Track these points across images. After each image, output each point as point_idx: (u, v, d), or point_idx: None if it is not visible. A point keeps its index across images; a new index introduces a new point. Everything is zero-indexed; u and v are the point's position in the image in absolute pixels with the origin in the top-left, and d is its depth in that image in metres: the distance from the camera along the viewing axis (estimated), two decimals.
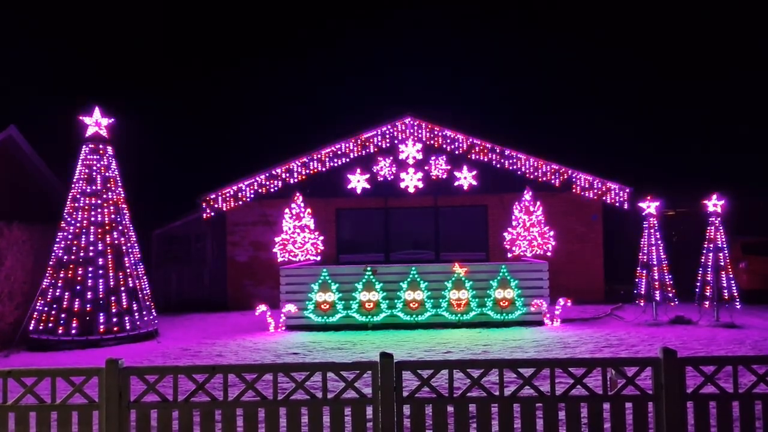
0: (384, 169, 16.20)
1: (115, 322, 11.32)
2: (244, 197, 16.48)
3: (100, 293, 11.30)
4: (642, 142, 28.80)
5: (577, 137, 27.33)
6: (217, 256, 16.94)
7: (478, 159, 16.26)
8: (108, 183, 11.91)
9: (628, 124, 30.33)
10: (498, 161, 16.26)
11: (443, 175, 16.18)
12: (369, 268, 12.46)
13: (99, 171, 11.84)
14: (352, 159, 16.37)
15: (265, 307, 12.44)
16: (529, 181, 15.66)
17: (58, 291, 11.28)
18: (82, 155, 11.91)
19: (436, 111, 17.92)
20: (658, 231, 13.05)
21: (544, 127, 29.08)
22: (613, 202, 16.16)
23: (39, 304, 11.43)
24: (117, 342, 11.20)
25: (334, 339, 11.23)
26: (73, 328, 11.05)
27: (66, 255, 11.45)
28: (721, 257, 12.37)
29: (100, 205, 11.71)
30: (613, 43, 35.36)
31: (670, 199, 17.02)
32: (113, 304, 11.36)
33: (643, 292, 12.98)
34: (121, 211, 12.01)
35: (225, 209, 16.52)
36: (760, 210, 18.35)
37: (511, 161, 16.26)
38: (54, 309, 11.19)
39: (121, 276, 11.58)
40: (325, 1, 38.59)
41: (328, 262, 14.91)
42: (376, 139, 16.41)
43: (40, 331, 11.17)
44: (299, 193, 13.89)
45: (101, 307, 11.24)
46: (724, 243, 12.45)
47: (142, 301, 11.85)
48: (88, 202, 11.67)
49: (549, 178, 16.19)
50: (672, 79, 33.37)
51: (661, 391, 4.26)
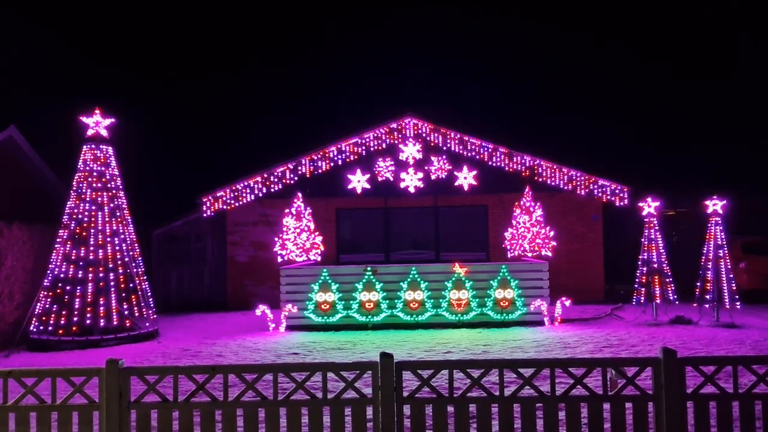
0: (384, 169, 16.20)
1: (115, 323, 11.33)
2: (244, 197, 16.48)
3: (101, 293, 11.31)
4: (642, 142, 28.82)
5: (578, 137, 27.34)
6: (218, 256, 16.95)
7: (478, 159, 16.26)
8: (108, 183, 11.91)
9: (629, 123, 30.35)
10: (498, 161, 16.26)
11: (443, 175, 16.18)
12: (369, 268, 12.46)
13: (99, 171, 11.84)
14: (352, 159, 16.38)
15: (265, 307, 12.45)
16: (529, 180, 15.66)
17: (59, 291, 11.29)
18: (82, 155, 11.92)
19: (437, 111, 17.95)
20: (658, 231, 13.04)
21: (545, 127, 29.09)
22: (613, 202, 16.16)
23: (39, 304, 11.43)
24: (117, 342, 11.20)
25: (335, 339, 11.23)
26: (74, 329, 11.06)
27: (66, 255, 11.45)
28: (721, 257, 12.37)
29: (100, 205, 11.71)
30: (614, 43, 35.37)
31: (670, 199, 17.02)
32: (113, 304, 11.37)
33: (643, 292, 12.97)
34: (121, 211, 12.02)
35: (225, 209, 16.53)
36: (761, 210, 18.35)
37: (511, 161, 16.26)
38: (54, 309, 11.19)
39: (121, 276, 11.59)
40: (325, 1, 38.60)
41: (329, 262, 14.91)
42: (376, 138, 16.41)
43: (41, 331, 11.17)
44: (299, 193, 13.89)
45: (101, 308, 11.25)
46: (724, 243, 12.45)
47: (142, 301, 11.85)
48: (88, 202, 11.68)
49: (549, 177, 16.20)
50: (672, 79, 33.38)
51: (661, 391, 4.26)
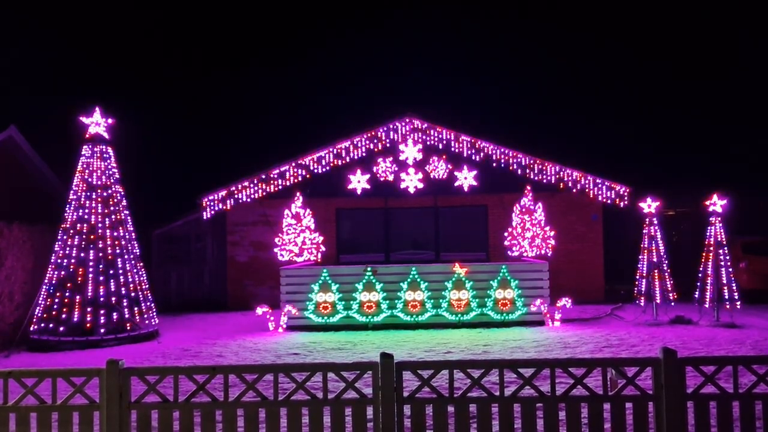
0: (384, 169, 16.20)
1: (115, 323, 11.33)
2: (244, 197, 16.48)
3: (101, 293, 11.30)
4: (642, 141, 28.81)
5: (578, 137, 27.34)
6: (218, 256, 16.95)
7: (478, 159, 16.26)
8: (108, 183, 11.92)
9: (629, 123, 30.34)
10: (498, 161, 16.27)
11: (443, 175, 16.18)
12: (369, 269, 12.46)
13: (99, 171, 11.84)
14: (352, 159, 16.38)
15: (265, 308, 12.45)
16: (530, 181, 15.66)
17: (59, 291, 11.29)
18: (82, 155, 11.93)
19: (436, 111, 17.94)
20: (658, 231, 13.04)
21: (545, 127, 29.09)
22: (613, 202, 16.16)
23: (39, 305, 11.43)
24: (117, 342, 11.20)
25: (335, 339, 11.23)
26: (74, 329, 11.06)
27: (66, 255, 11.45)
28: (721, 257, 12.37)
29: (100, 205, 11.71)
30: (614, 43, 35.36)
31: (670, 199, 17.02)
32: (114, 305, 11.37)
33: (643, 292, 12.97)
34: (121, 211, 12.02)
35: (225, 209, 16.53)
36: (761, 210, 18.35)
37: (511, 161, 16.26)
38: (54, 309, 11.19)
39: (121, 276, 11.59)
40: (325, 1, 38.59)
41: (329, 263, 14.91)
42: (376, 139, 16.41)
43: (41, 331, 11.17)
44: (299, 193, 13.89)
45: (102, 308, 11.25)
46: (724, 243, 12.45)
47: (142, 301, 11.85)
48: (88, 202, 11.68)
49: (549, 178, 16.20)
50: (672, 79, 33.38)
51: (662, 391, 4.26)
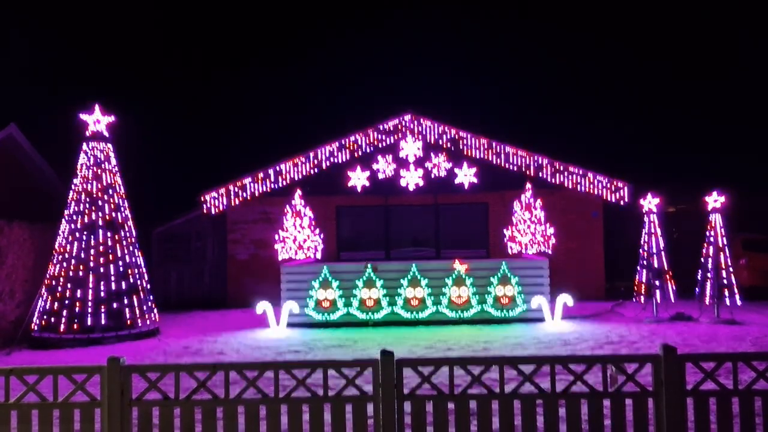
0: (384, 166, 16.20)
1: (116, 320, 11.35)
2: (244, 195, 16.49)
3: (102, 291, 11.32)
4: (642, 139, 28.80)
5: (578, 134, 27.33)
6: (218, 254, 16.96)
7: (478, 156, 16.26)
8: (108, 181, 11.92)
9: (629, 121, 30.32)
10: (498, 159, 16.26)
11: (443, 172, 16.18)
12: (370, 266, 12.47)
13: (99, 169, 11.85)
14: (352, 157, 16.38)
15: (266, 305, 12.47)
16: (530, 178, 15.67)
17: (60, 289, 11.30)
18: (82, 153, 11.93)
19: (437, 109, 17.94)
20: (658, 228, 13.04)
21: (545, 125, 29.08)
22: (613, 199, 16.16)
23: (40, 302, 11.45)
24: (118, 340, 11.22)
25: (335, 336, 11.24)
26: (75, 326, 11.08)
27: (67, 253, 11.47)
28: (722, 254, 12.37)
29: (100, 203, 11.72)
30: (614, 43, 35.32)
31: (670, 196, 17.01)
32: (114, 302, 11.39)
33: (643, 289, 12.97)
34: (121, 209, 12.03)
35: (225, 207, 16.53)
36: (761, 207, 18.34)
37: (511, 159, 16.26)
38: (55, 307, 11.21)
39: (122, 274, 11.60)
40: (326, 1, 38.54)
41: (329, 260, 14.92)
42: (376, 136, 16.41)
43: (42, 329, 11.20)
44: (300, 191, 13.90)
45: (102, 305, 11.27)
46: (725, 240, 12.45)
47: (143, 299, 11.87)
48: (88, 200, 11.69)
49: (549, 175, 16.19)
50: (673, 78, 33.35)
51: (662, 387, 4.27)
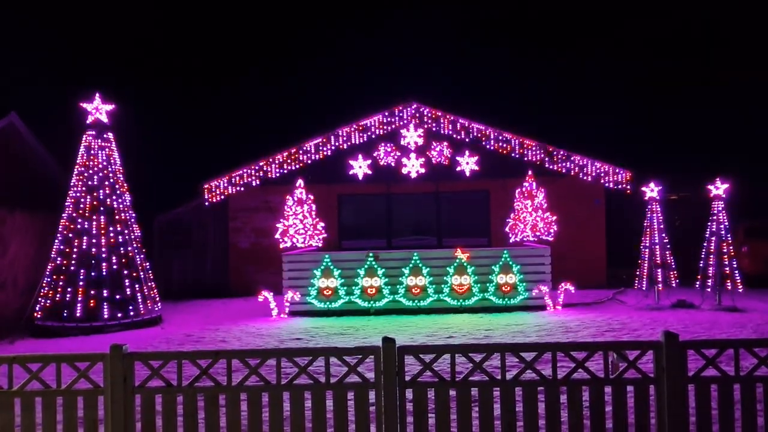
0: (386, 154, 16.17)
1: (118, 309, 11.38)
2: (246, 183, 16.48)
3: (104, 279, 11.35)
4: (645, 126, 28.68)
5: (580, 122, 27.21)
6: (220, 242, 16.98)
7: (479, 144, 16.22)
8: (110, 170, 11.91)
9: (632, 108, 30.17)
10: (500, 146, 16.22)
11: (445, 160, 16.15)
12: (371, 254, 12.47)
13: (100, 158, 11.84)
14: (353, 145, 16.34)
15: (267, 293, 12.49)
16: (531, 165, 15.63)
17: (62, 277, 11.33)
18: (83, 142, 11.92)
19: (438, 96, 17.88)
20: (660, 215, 13.02)
21: (546, 113, 28.95)
22: (615, 187, 16.13)
23: (43, 291, 11.48)
24: (121, 328, 11.26)
25: (337, 324, 11.27)
26: (77, 315, 11.12)
27: (69, 242, 11.48)
28: (724, 241, 12.36)
29: (102, 191, 11.72)
30: (615, 27, 35.09)
31: (673, 184, 16.97)
32: (117, 291, 11.42)
33: (645, 277, 12.97)
34: (123, 197, 12.03)
35: (227, 195, 16.53)
36: (764, 194, 18.30)
37: (512, 146, 16.21)
38: (58, 295, 11.25)
39: (124, 262, 11.63)
40: None
41: (331, 248, 14.93)
42: (377, 124, 16.36)
43: (45, 317, 11.24)
44: (301, 179, 13.88)
45: (105, 294, 11.30)
46: (727, 227, 12.43)
47: (145, 287, 11.90)
48: (90, 189, 11.69)
49: (551, 163, 16.16)
50: (675, 64, 33.15)
51: (663, 374, 4.27)
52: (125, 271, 11.61)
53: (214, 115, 31.70)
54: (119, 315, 11.37)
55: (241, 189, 16.51)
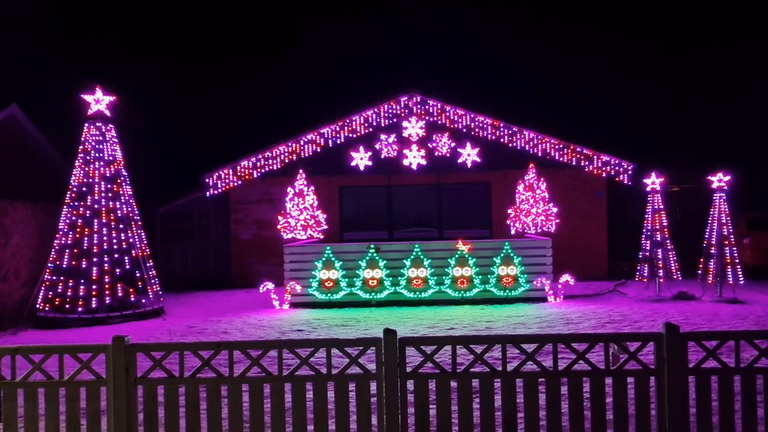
0: (387, 146, 16.14)
1: (120, 300, 11.41)
2: (247, 175, 16.47)
3: (106, 271, 11.37)
4: (647, 117, 28.60)
5: (582, 114, 27.14)
6: (221, 234, 17.00)
7: (481, 136, 16.18)
8: (111, 161, 11.91)
9: (633, 100, 30.08)
10: (501, 138, 16.18)
11: (446, 152, 16.12)
12: (372, 246, 12.48)
13: (102, 149, 11.83)
14: (354, 136, 16.31)
15: (269, 285, 12.52)
16: (533, 157, 15.60)
17: (64, 269, 11.36)
18: (84, 134, 11.91)
19: (439, 88, 17.83)
20: (662, 207, 13.01)
21: (548, 103, 28.88)
22: (617, 179, 16.10)
23: (45, 282, 11.51)
24: (123, 319, 11.30)
25: (338, 316, 11.30)
26: (80, 306, 11.15)
27: (71, 233, 11.50)
28: (725, 233, 12.35)
29: (103, 183, 11.72)
30: (617, 17, 34.91)
31: (674, 175, 16.95)
32: (119, 282, 11.44)
33: (646, 268, 12.98)
34: (124, 189, 12.03)
35: (228, 187, 16.53)
36: (766, 186, 18.26)
37: (514, 138, 16.18)
38: (60, 287, 11.28)
39: (125, 254, 11.64)
40: None
41: (332, 240, 14.94)
42: (378, 116, 16.32)
43: (47, 308, 11.28)
44: (302, 171, 13.87)
45: (106, 285, 11.32)
46: (729, 219, 12.42)
47: (147, 279, 11.92)
48: (91, 180, 11.69)
49: (553, 154, 16.12)
50: (677, 54, 33.00)
51: (663, 365, 4.28)
52: (127, 263, 11.63)
53: (216, 107, 31.66)
54: (121, 306, 11.40)
55: (243, 181, 16.50)
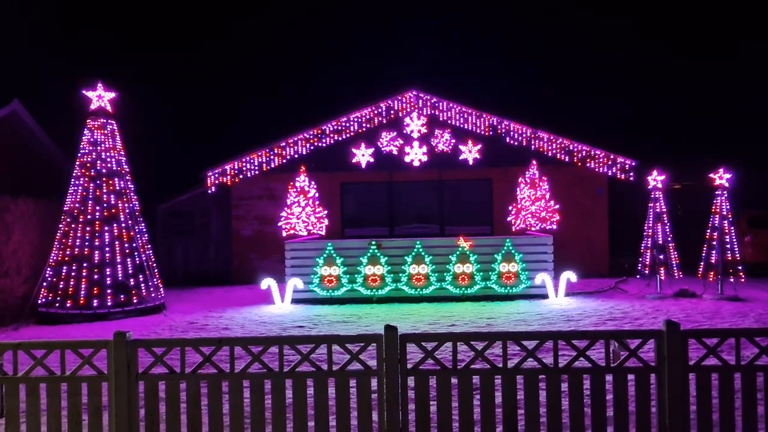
0: (388, 143, 16.14)
1: (122, 296, 11.43)
2: (248, 171, 16.48)
3: (107, 267, 11.39)
4: (648, 115, 28.55)
5: (584, 111, 27.10)
6: (223, 230, 17.01)
7: (482, 132, 16.17)
8: (112, 157, 11.91)
9: (635, 96, 30.02)
10: (503, 135, 16.17)
11: (448, 148, 16.11)
12: (374, 242, 12.49)
13: (103, 145, 11.84)
14: (356, 133, 16.31)
15: (270, 281, 12.53)
16: (535, 154, 15.60)
17: (66, 265, 11.38)
18: (86, 129, 11.91)
19: (441, 85, 17.81)
20: (663, 204, 13.00)
21: (550, 101, 28.83)
22: (618, 176, 16.08)
23: (47, 278, 11.53)
24: (124, 315, 11.32)
25: (339, 312, 11.31)
26: (81, 302, 11.17)
27: (72, 229, 11.51)
28: (727, 230, 12.34)
29: (105, 179, 11.73)
30: (619, 14, 34.83)
31: (676, 173, 16.92)
32: (120, 278, 11.46)
33: (647, 266, 12.97)
34: (126, 185, 12.04)
35: (230, 183, 16.54)
36: (767, 183, 18.24)
37: (516, 135, 16.16)
38: (61, 283, 11.30)
39: (127, 250, 11.66)
40: None
41: (333, 237, 14.95)
42: (380, 112, 16.32)
43: (49, 304, 11.29)
44: (304, 167, 13.87)
45: (108, 281, 11.34)
46: (730, 216, 12.41)
47: (148, 274, 11.94)
48: (92, 176, 11.70)
49: (554, 151, 16.11)
50: (679, 52, 32.92)
51: (664, 363, 4.28)
52: (129, 259, 11.64)
53: (218, 103, 31.64)
54: (123, 302, 11.42)
55: (244, 177, 16.51)
